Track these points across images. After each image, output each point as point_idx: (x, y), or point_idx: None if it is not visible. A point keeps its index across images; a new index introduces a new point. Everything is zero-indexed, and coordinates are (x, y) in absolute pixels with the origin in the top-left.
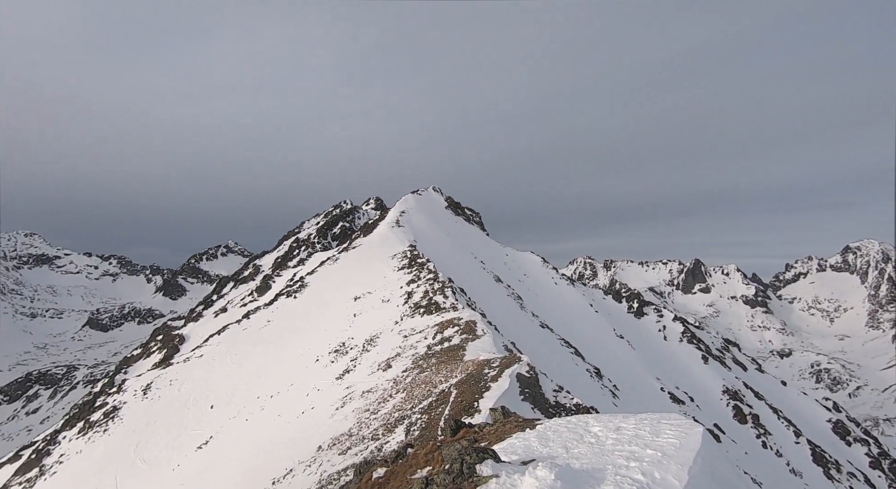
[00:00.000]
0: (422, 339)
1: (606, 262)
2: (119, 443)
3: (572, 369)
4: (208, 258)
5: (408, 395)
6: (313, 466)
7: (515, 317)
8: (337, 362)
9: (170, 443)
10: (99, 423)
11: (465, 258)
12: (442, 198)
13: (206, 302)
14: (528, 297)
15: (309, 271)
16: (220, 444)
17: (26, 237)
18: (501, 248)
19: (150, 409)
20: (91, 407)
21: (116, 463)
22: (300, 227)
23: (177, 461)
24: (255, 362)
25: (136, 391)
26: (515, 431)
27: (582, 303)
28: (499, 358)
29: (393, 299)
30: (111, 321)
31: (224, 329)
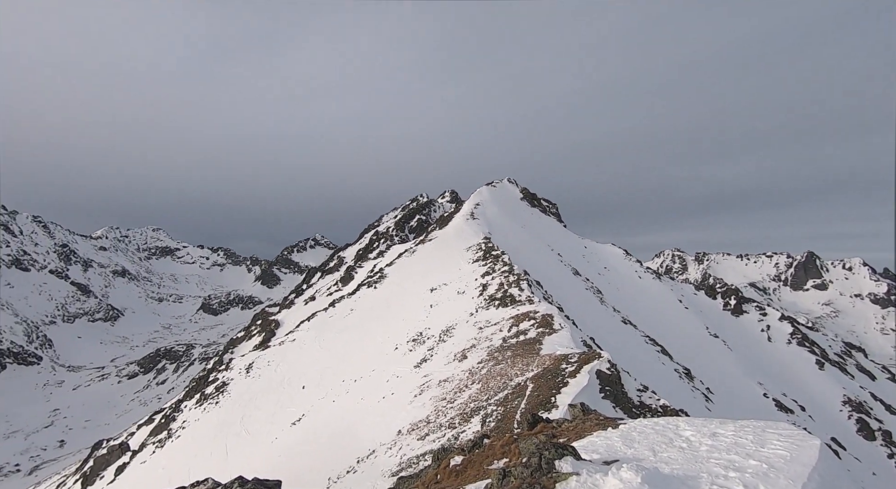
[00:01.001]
0: (497, 332)
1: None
2: (228, 415)
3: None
4: (298, 250)
5: (483, 387)
6: (394, 449)
7: (595, 311)
8: (415, 351)
9: (269, 417)
10: (212, 396)
11: (541, 250)
12: (517, 189)
13: (297, 290)
14: (608, 292)
15: (388, 263)
16: (311, 422)
17: (153, 232)
18: (580, 240)
19: (252, 386)
20: (205, 381)
21: (226, 431)
22: (379, 221)
23: (275, 434)
24: (340, 348)
25: (240, 369)
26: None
27: (670, 299)
28: (577, 353)
29: (468, 291)
30: (220, 306)
31: (313, 316)
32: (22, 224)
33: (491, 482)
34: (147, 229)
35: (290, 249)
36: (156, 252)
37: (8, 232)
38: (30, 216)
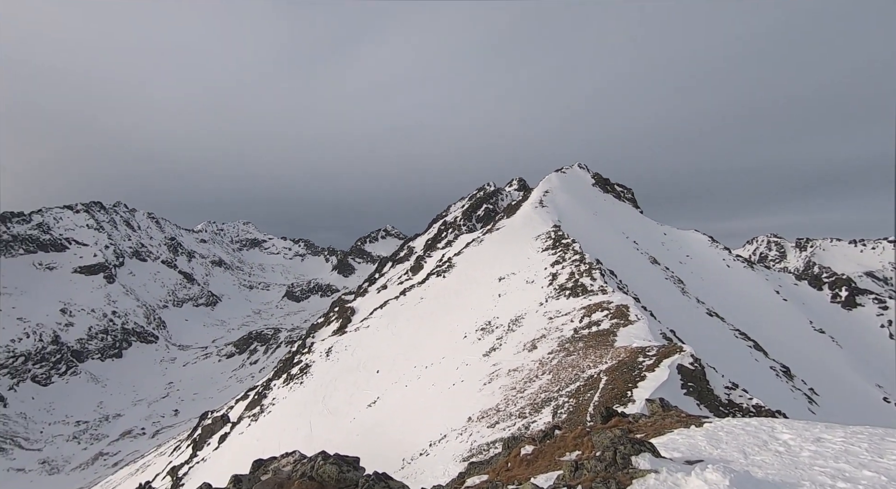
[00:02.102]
0: (568, 322)
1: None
2: (311, 394)
3: (750, 365)
4: (371, 241)
5: (554, 378)
6: (464, 435)
7: (676, 302)
8: (483, 340)
9: (347, 398)
10: (296, 377)
11: (614, 238)
12: (588, 175)
13: (370, 279)
14: (691, 282)
15: (456, 252)
16: (385, 405)
17: (244, 225)
18: (658, 227)
19: (332, 369)
20: (291, 363)
21: (310, 409)
22: (447, 211)
23: (353, 414)
24: (411, 335)
25: (321, 353)
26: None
27: (764, 290)
28: (655, 346)
29: (537, 280)
30: (301, 293)
31: (385, 304)
32: (139, 220)
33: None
34: (238, 223)
35: (363, 240)
36: (246, 243)
37: (129, 227)
38: (145, 213)
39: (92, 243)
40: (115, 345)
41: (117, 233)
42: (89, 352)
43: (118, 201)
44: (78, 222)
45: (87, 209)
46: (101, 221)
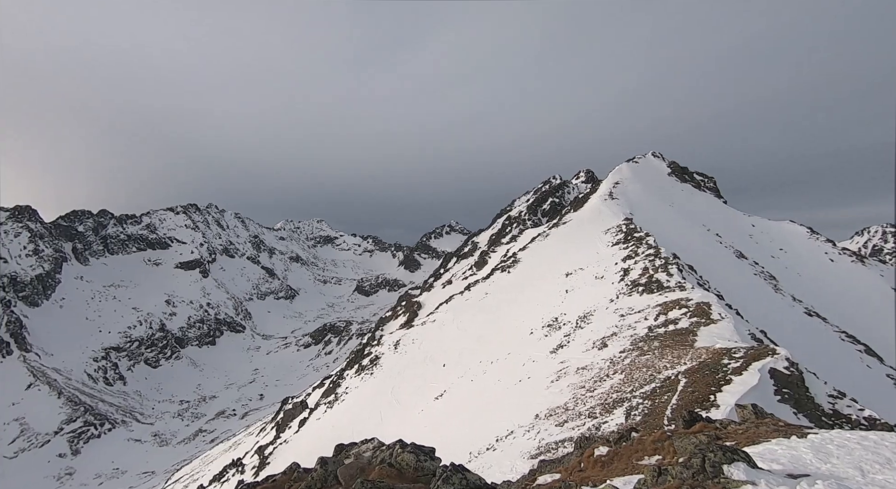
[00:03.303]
0: (641, 320)
1: None
2: (380, 385)
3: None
4: (436, 236)
5: (627, 378)
6: (531, 432)
7: (767, 300)
8: (550, 336)
9: (415, 390)
10: (367, 367)
11: (694, 231)
12: (664, 164)
13: (436, 274)
14: (786, 278)
15: (521, 247)
16: (452, 398)
17: (318, 223)
18: (745, 218)
19: (400, 361)
20: (362, 354)
21: (380, 399)
22: (511, 205)
23: (420, 406)
24: (476, 330)
25: (390, 345)
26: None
27: (878, 287)
28: (743, 348)
29: (607, 276)
30: (370, 288)
31: (450, 299)
32: (228, 220)
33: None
34: (313, 221)
35: (428, 236)
36: (320, 240)
37: (219, 226)
38: (233, 213)
39: (189, 241)
40: (210, 334)
41: (210, 232)
42: (189, 340)
43: (210, 203)
44: (178, 223)
45: (185, 211)
46: (197, 221)
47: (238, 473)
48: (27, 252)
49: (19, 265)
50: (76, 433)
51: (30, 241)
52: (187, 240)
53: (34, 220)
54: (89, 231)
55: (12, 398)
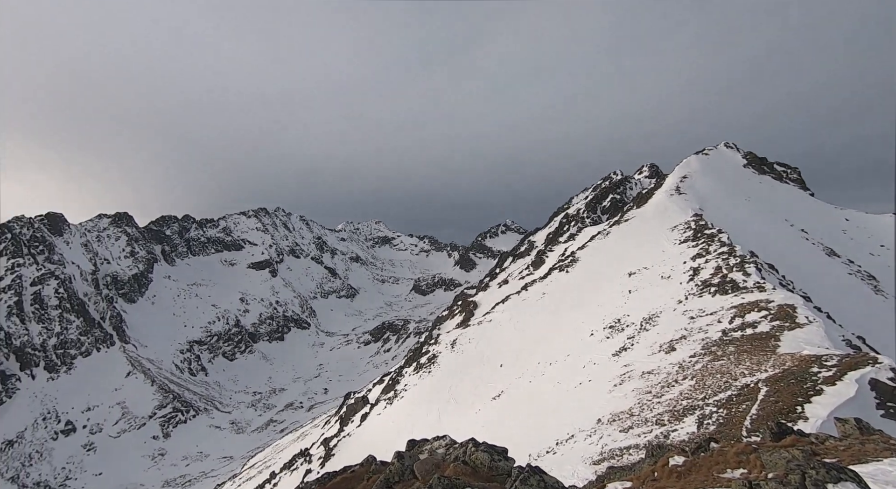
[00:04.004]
0: (714, 323)
1: None
2: (438, 383)
3: None
4: (491, 236)
5: (698, 384)
6: (593, 437)
7: (865, 303)
8: (612, 338)
9: (472, 390)
10: (425, 366)
11: (774, 226)
12: (738, 155)
13: (491, 274)
14: (888, 278)
15: (579, 246)
16: (510, 399)
17: (376, 224)
18: (837, 212)
19: (457, 360)
20: (419, 353)
21: (437, 397)
22: (569, 203)
23: (478, 406)
24: (534, 331)
25: (446, 345)
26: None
27: None
28: (836, 355)
29: (674, 276)
30: (427, 287)
31: (507, 299)
32: (294, 222)
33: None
34: (371, 222)
35: (483, 235)
36: (378, 241)
37: (286, 228)
38: (298, 216)
39: (260, 243)
40: (279, 330)
41: (278, 234)
42: (260, 335)
43: (278, 207)
44: (249, 226)
45: (256, 214)
46: (266, 224)
47: (306, 463)
48: (125, 254)
49: (119, 266)
50: (167, 418)
51: (127, 244)
52: (258, 241)
53: (131, 226)
54: (175, 234)
55: (115, 384)
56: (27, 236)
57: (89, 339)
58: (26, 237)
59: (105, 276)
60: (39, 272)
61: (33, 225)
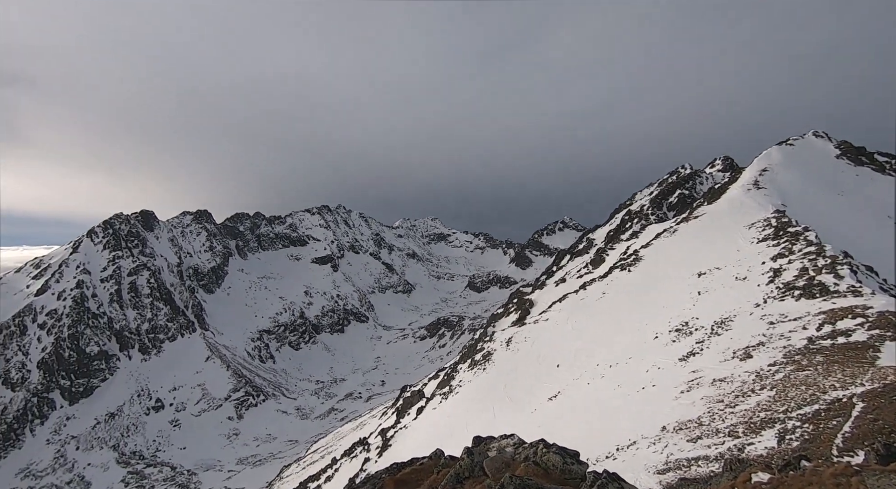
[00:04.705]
0: (798, 329)
1: None
2: (493, 381)
3: None
4: (548, 233)
5: (779, 395)
6: (658, 445)
7: None
8: (679, 342)
9: (528, 389)
10: (479, 363)
11: (873, 224)
12: (830, 144)
13: (548, 272)
14: None
15: (643, 244)
16: (567, 400)
17: (432, 221)
18: None
19: (512, 358)
20: (474, 349)
21: (492, 395)
22: (632, 199)
23: (533, 406)
24: (593, 331)
25: (502, 342)
26: None
27: None
28: None
29: (751, 277)
30: (482, 284)
31: (564, 298)
32: (354, 219)
33: None
34: (427, 219)
35: (540, 232)
36: (434, 237)
37: (347, 225)
38: (358, 213)
39: (323, 239)
40: (339, 322)
41: (339, 230)
42: (323, 327)
43: (339, 204)
44: (313, 222)
45: (319, 211)
46: (329, 221)
47: (364, 451)
48: (205, 248)
49: (199, 259)
50: (240, 400)
51: (206, 239)
52: (321, 237)
53: (210, 222)
54: (247, 230)
55: (196, 367)
56: (125, 231)
57: (175, 326)
58: (124, 232)
59: (188, 269)
60: (135, 264)
61: (130, 221)
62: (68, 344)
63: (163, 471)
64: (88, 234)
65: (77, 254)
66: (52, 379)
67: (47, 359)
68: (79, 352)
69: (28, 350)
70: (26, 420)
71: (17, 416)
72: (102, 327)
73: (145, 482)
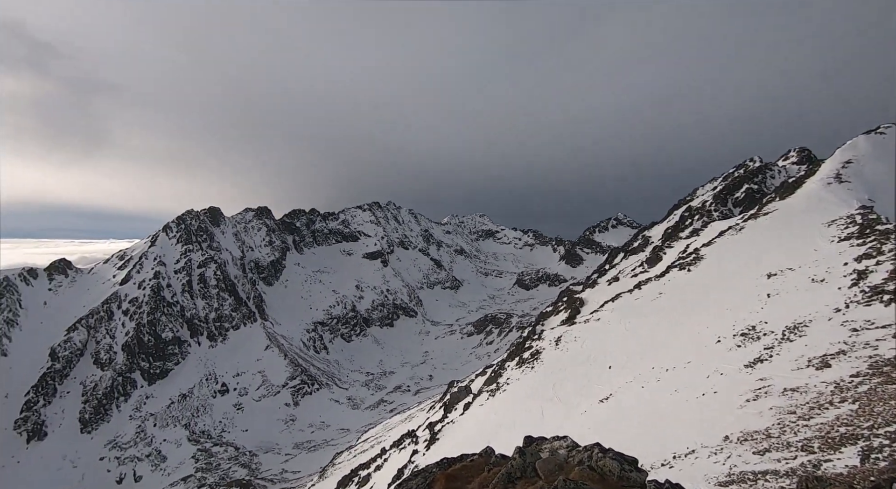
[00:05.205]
0: (887, 338)
1: None
2: (541, 380)
3: None
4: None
5: (862, 410)
6: (719, 455)
7: None
8: (745, 347)
9: (578, 390)
10: (528, 361)
11: None
12: None
13: (600, 270)
14: None
15: (704, 242)
16: (619, 403)
17: (480, 217)
18: None
19: (561, 358)
20: (522, 347)
21: (540, 394)
22: (692, 195)
23: (583, 407)
24: (647, 332)
25: (550, 341)
26: None
27: None
28: None
29: (831, 279)
30: (531, 282)
31: (617, 297)
32: (403, 215)
33: None
34: (475, 215)
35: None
36: (482, 234)
37: (396, 221)
38: (408, 209)
39: (373, 235)
40: (389, 316)
41: (389, 226)
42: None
43: (389, 201)
44: (364, 219)
45: (370, 208)
46: (379, 217)
47: (412, 443)
48: (265, 243)
49: (260, 253)
50: (296, 388)
51: (266, 234)
52: (372, 233)
53: (269, 218)
54: (303, 226)
55: (256, 355)
56: (195, 227)
57: (238, 315)
58: (194, 227)
59: (249, 262)
60: (203, 257)
61: (199, 217)
62: (147, 329)
63: (227, 451)
64: (164, 229)
65: (154, 248)
66: (134, 361)
67: (130, 343)
68: (156, 338)
69: (114, 334)
70: (113, 397)
71: (105, 393)
72: (176, 315)
73: (212, 460)
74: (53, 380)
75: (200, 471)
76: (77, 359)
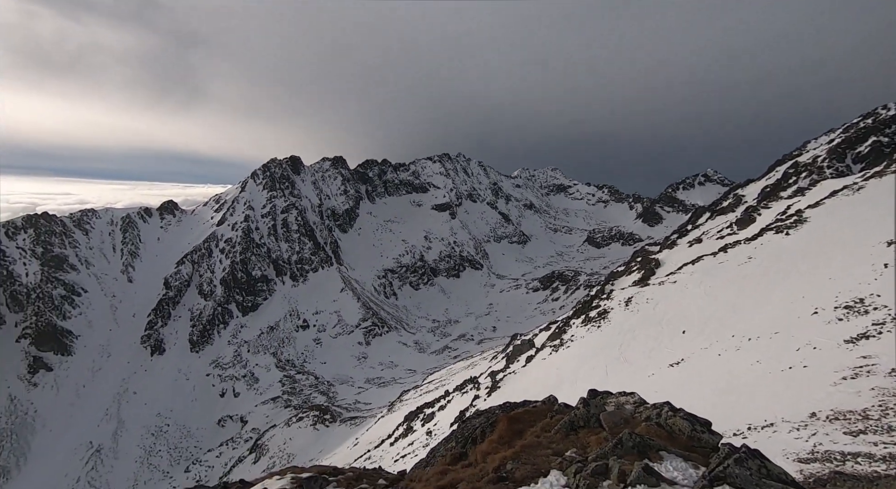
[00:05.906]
0: None
1: None
2: (607, 340)
3: None
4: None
5: None
6: (802, 432)
7: None
8: (848, 321)
9: (646, 352)
10: (594, 319)
11: None
12: None
13: (681, 231)
14: None
15: (811, 203)
16: (691, 368)
17: (552, 171)
18: None
19: (630, 319)
20: (589, 306)
21: (605, 354)
22: (802, 148)
23: (651, 370)
24: (730, 299)
25: (620, 301)
26: None
27: None
28: None
29: None
30: (602, 240)
31: (698, 259)
32: (473, 168)
33: None
34: (547, 169)
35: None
36: (553, 189)
37: (465, 174)
38: (477, 161)
39: (442, 186)
40: (455, 268)
41: (458, 178)
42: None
43: (459, 153)
44: (434, 170)
45: (440, 160)
46: (448, 169)
47: (474, 389)
48: (340, 192)
49: (336, 201)
50: (367, 329)
51: (342, 183)
52: (441, 185)
53: (344, 168)
54: (375, 176)
55: (333, 296)
56: (278, 175)
57: (317, 259)
58: (278, 175)
59: (326, 209)
60: (286, 203)
61: (282, 166)
62: (240, 267)
63: (308, 379)
64: (252, 176)
65: (244, 193)
66: (230, 294)
67: (227, 278)
68: (247, 275)
69: (214, 269)
70: (214, 323)
71: (209, 320)
72: (263, 255)
73: (296, 386)
74: (168, 305)
75: (287, 393)
76: (185, 289)
